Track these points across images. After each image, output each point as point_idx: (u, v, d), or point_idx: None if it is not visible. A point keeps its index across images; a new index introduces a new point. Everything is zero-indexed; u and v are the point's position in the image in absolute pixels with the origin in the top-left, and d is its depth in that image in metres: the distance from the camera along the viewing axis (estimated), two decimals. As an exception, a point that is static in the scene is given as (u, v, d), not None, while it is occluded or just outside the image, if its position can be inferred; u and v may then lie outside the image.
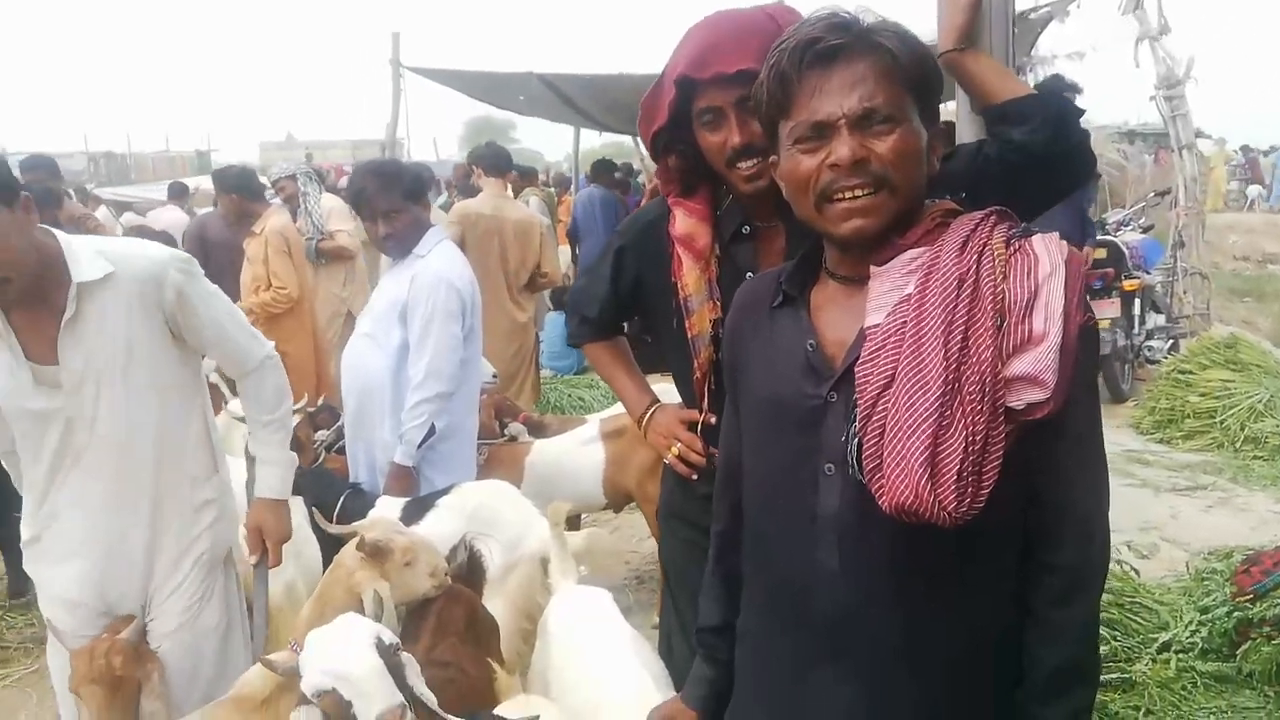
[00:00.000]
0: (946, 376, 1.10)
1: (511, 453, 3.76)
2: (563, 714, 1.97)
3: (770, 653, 1.34)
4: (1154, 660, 2.89)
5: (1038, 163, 1.56)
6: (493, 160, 5.80)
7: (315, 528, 2.79)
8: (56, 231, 2.01)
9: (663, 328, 1.93)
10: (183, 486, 2.15)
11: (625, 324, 2.19)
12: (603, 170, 9.00)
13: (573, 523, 3.83)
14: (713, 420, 1.84)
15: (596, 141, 14.35)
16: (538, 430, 4.02)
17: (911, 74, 1.21)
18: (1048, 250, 1.15)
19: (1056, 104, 1.60)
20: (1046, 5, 6.15)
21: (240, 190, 5.69)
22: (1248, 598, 2.97)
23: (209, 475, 2.21)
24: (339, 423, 3.38)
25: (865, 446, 1.15)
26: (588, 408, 6.13)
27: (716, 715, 1.45)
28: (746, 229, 1.80)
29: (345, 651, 1.62)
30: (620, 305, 2.06)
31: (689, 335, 1.82)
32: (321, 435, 3.40)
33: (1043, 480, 1.19)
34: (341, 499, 2.99)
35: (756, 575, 1.38)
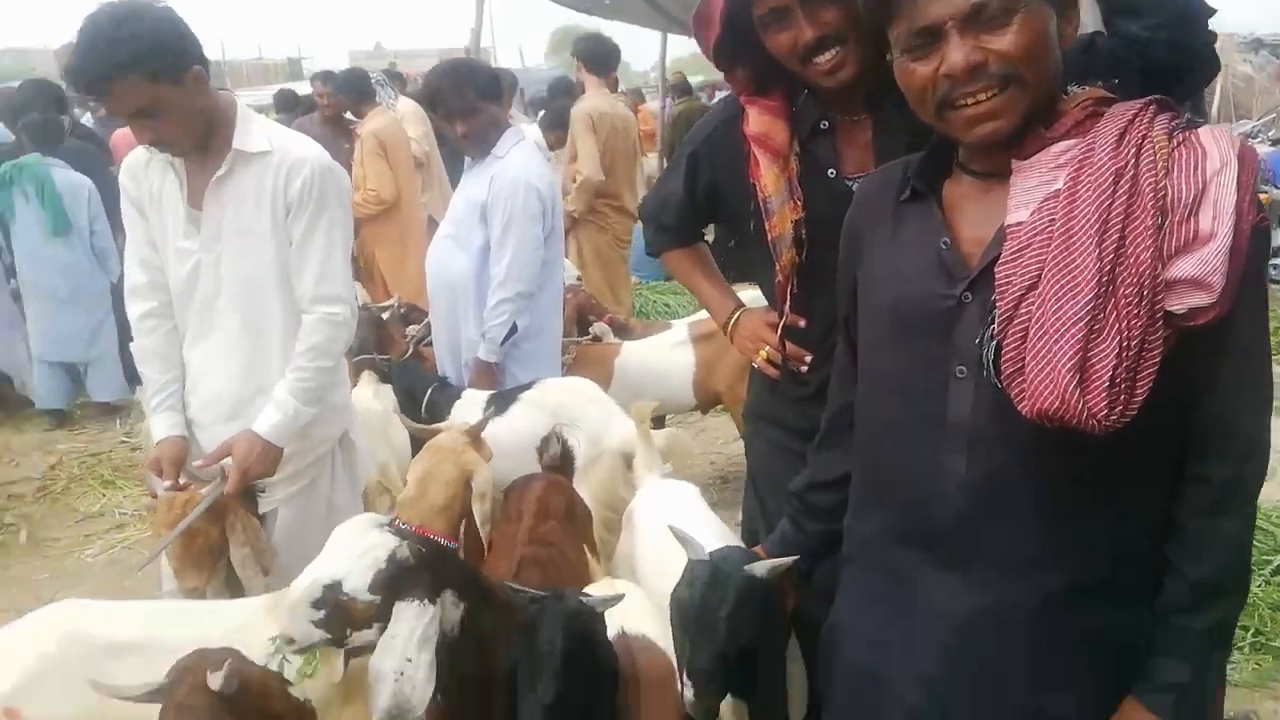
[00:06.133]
0: (1100, 278, 1.02)
1: (601, 353, 3.78)
2: (647, 599, 1.98)
3: (882, 559, 1.29)
4: (1267, 583, 2.78)
5: (1154, 63, 1.40)
6: (601, 57, 5.41)
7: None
8: (238, 99, 2.24)
9: (743, 231, 1.84)
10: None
11: (704, 230, 2.13)
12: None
13: (657, 424, 3.84)
14: (801, 323, 1.80)
15: (685, 50, 13.98)
16: (621, 333, 4.01)
17: None
18: (1217, 144, 1.05)
19: None
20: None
21: (348, 91, 5.69)
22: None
23: None
24: (428, 319, 3.42)
25: (1005, 350, 1.07)
26: (673, 314, 6.10)
27: (805, 576, 1.45)
28: (825, 124, 1.70)
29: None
30: (697, 211, 1.98)
31: (769, 238, 1.74)
32: (412, 330, 3.44)
33: (1202, 390, 1.10)
34: (429, 392, 3.03)
35: (872, 478, 1.32)
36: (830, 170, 1.69)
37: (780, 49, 1.60)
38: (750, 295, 2.15)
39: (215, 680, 1.34)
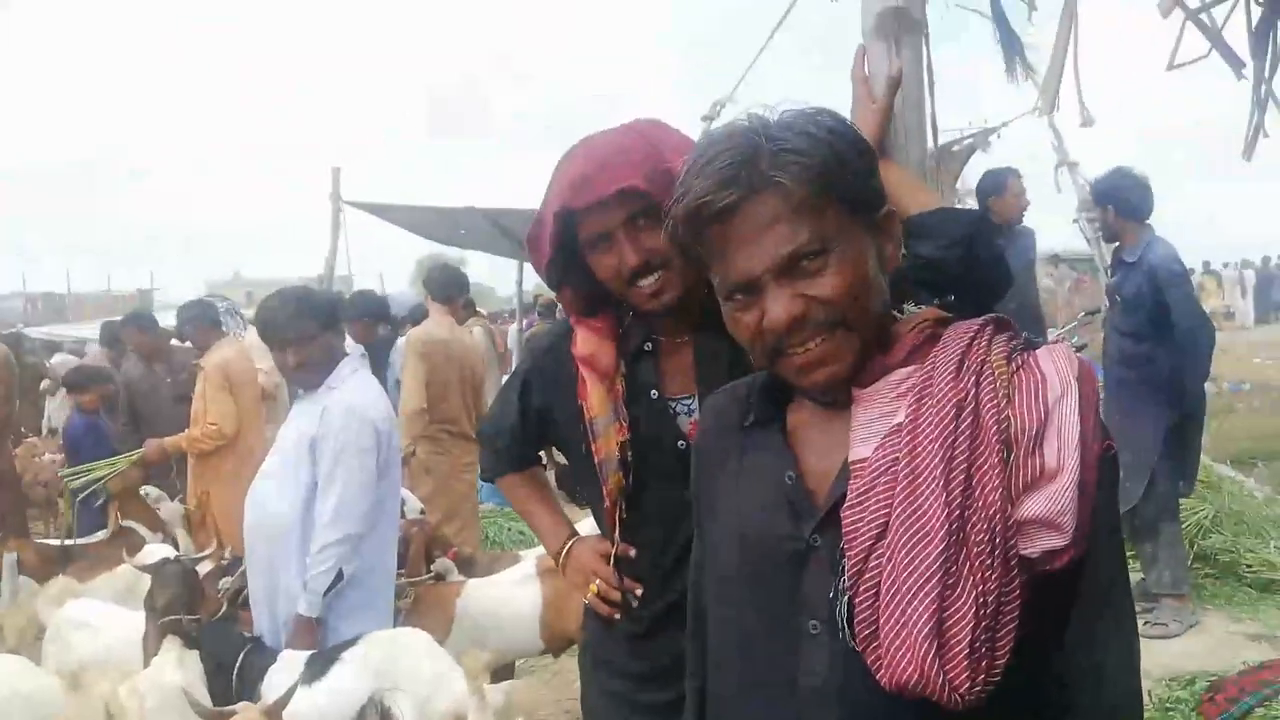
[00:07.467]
0: (950, 525, 0.94)
1: (440, 594, 3.55)
2: None
3: None
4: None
5: (950, 280, 1.49)
6: (441, 285, 5.57)
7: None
8: None
9: (574, 454, 1.81)
10: None
11: (540, 454, 2.08)
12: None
13: (507, 670, 3.59)
14: (631, 553, 1.72)
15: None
16: (467, 567, 3.81)
17: (827, 183, 1.05)
18: (1056, 367, 1.00)
19: (966, 218, 1.55)
20: (969, 137, 6.36)
21: (193, 320, 5.51)
22: (1216, 729, 2.82)
23: None
24: (242, 568, 3.14)
25: (857, 609, 0.97)
26: (529, 542, 5.89)
27: None
28: (649, 345, 1.72)
29: None
30: (530, 434, 1.93)
31: (596, 460, 1.70)
32: (225, 583, 3.15)
33: (1065, 640, 1.02)
34: (242, 655, 2.74)
35: None
36: (653, 391, 1.69)
37: (605, 272, 1.63)
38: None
39: None
